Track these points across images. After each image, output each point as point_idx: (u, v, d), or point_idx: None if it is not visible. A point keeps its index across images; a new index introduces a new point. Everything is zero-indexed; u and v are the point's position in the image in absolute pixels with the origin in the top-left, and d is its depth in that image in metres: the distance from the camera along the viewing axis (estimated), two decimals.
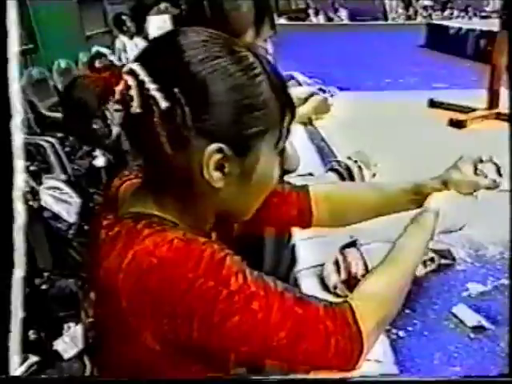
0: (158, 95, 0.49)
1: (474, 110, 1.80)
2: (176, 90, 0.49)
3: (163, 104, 0.49)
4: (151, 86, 0.50)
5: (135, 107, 0.50)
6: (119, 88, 0.51)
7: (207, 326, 0.50)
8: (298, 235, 0.92)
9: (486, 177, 0.76)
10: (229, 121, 0.51)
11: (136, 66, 0.51)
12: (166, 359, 0.53)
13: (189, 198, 0.55)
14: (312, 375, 0.59)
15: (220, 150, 0.51)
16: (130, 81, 0.50)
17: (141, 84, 0.50)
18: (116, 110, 0.53)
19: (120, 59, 4.25)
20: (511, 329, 0.61)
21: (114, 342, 0.55)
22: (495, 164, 0.76)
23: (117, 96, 0.52)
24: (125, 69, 0.52)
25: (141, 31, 4.22)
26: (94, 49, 2.89)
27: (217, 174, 0.52)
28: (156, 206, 0.55)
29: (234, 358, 0.63)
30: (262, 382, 0.62)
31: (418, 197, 0.76)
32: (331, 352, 0.54)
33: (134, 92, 0.50)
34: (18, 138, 0.61)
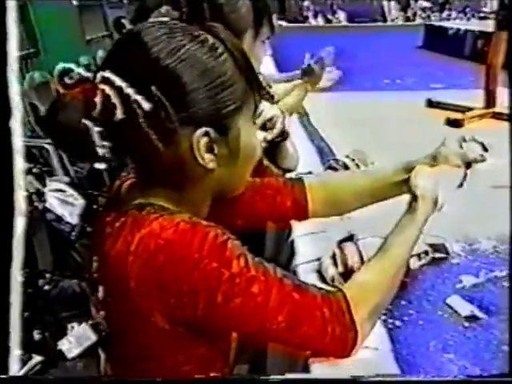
0: (139, 98, 0.51)
1: (470, 109, 1.83)
2: (153, 87, 0.51)
3: (146, 105, 0.51)
4: (130, 91, 0.52)
5: (119, 114, 0.52)
6: (98, 99, 0.53)
7: (211, 306, 0.52)
8: (298, 230, 0.94)
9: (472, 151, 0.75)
10: (206, 104, 0.54)
11: (109, 74, 0.52)
12: (175, 340, 0.56)
13: (185, 185, 0.58)
14: (312, 375, 0.61)
15: (206, 134, 0.54)
16: (108, 89, 0.52)
17: (119, 90, 0.52)
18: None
19: None
20: (511, 328, 0.64)
21: (126, 330, 0.58)
22: (479, 142, 0.77)
23: (98, 107, 0.53)
24: (98, 79, 0.54)
25: None
26: (59, 66, 2.99)
27: (208, 156, 0.55)
28: (155, 197, 0.57)
29: (237, 341, 0.66)
30: (263, 381, 0.64)
31: (407, 175, 0.74)
32: (328, 338, 0.57)
33: (115, 100, 0.52)
34: (18, 140, 0.62)
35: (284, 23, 8.65)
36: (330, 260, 0.79)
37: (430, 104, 1.96)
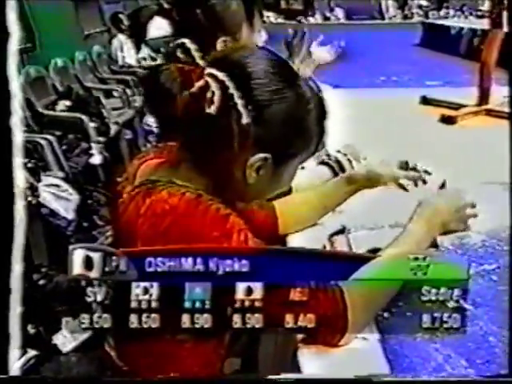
0: (243, 111, 0.57)
1: (464, 106, 1.84)
2: (250, 107, 0.57)
3: (245, 120, 0.57)
4: (239, 102, 0.57)
5: (213, 109, 0.57)
6: (199, 84, 0.58)
7: None
8: None
9: (407, 169, 0.87)
10: (279, 139, 0.59)
11: (224, 77, 0.57)
12: None
13: (221, 184, 0.62)
14: (311, 375, 0.63)
15: (265, 159, 0.59)
16: (215, 86, 0.57)
17: (226, 93, 0.57)
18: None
19: (117, 57, 4.28)
20: (511, 327, 0.65)
21: None
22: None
23: (195, 90, 0.59)
24: (208, 71, 0.59)
25: (138, 33, 4.24)
26: (176, 42, 3.09)
27: (254, 175, 0.60)
28: (182, 180, 0.61)
29: None
30: (262, 381, 0.65)
31: (351, 186, 0.90)
32: (317, 322, 0.59)
33: (216, 97, 0.57)
34: (18, 136, 0.64)
35: (281, 20, 8.64)
36: None
37: (425, 101, 1.97)
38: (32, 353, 1.86)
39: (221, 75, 0.57)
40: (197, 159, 0.62)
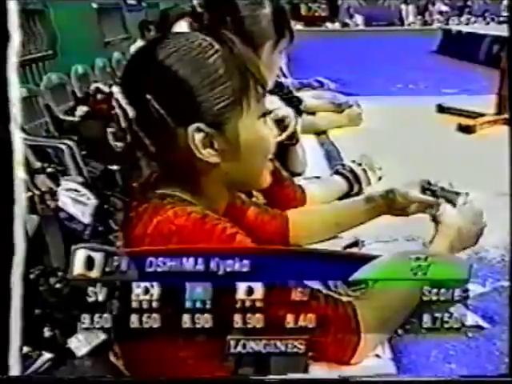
0: (127, 107, 0.57)
1: (482, 115, 1.81)
2: (148, 96, 0.56)
3: (131, 113, 0.57)
4: (123, 101, 0.57)
5: (122, 122, 0.58)
6: (114, 112, 0.59)
7: None
8: None
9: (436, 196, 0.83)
10: (199, 102, 0.57)
11: (115, 87, 0.59)
12: None
13: (195, 180, 0.62)
14: (312, 375, 0.62)
15: (199, 129, 0.57)
16: (114, 102, 0.58)
17: (117, 101, 0.58)
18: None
19: None
20: (511, 330, 0.63)
21: None
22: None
23: (115, 118, 0.59)
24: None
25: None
26: (93, 86, 3.29)
27: (208, 151, 0.58)
28: (174, 189, 0.62)
29: None
30: (262, 382, 0.64)
31: (368, 205, 0.87)
32: (330, 339, 0.58)
33: (118, 110, 0.58)
34: (18, 140, 0.65)
35: (300, 27, 8.67)
36: None
37: (441, 109, 1.94)
38: (47, 355, 1.88)
39: (115, 87, 0.59)
40: (162, 167, 0.63)
